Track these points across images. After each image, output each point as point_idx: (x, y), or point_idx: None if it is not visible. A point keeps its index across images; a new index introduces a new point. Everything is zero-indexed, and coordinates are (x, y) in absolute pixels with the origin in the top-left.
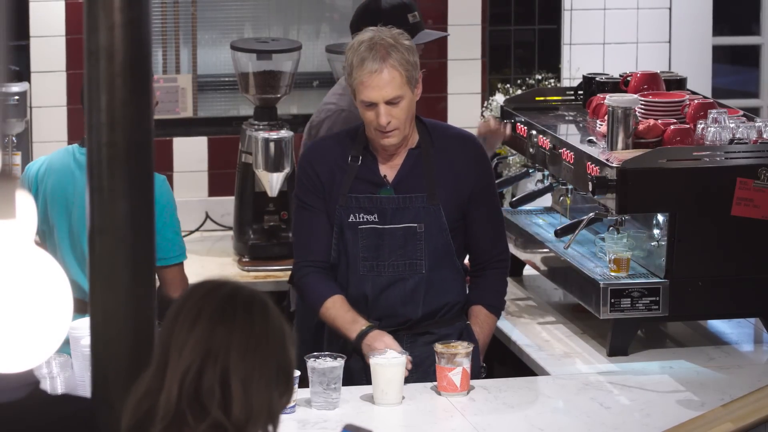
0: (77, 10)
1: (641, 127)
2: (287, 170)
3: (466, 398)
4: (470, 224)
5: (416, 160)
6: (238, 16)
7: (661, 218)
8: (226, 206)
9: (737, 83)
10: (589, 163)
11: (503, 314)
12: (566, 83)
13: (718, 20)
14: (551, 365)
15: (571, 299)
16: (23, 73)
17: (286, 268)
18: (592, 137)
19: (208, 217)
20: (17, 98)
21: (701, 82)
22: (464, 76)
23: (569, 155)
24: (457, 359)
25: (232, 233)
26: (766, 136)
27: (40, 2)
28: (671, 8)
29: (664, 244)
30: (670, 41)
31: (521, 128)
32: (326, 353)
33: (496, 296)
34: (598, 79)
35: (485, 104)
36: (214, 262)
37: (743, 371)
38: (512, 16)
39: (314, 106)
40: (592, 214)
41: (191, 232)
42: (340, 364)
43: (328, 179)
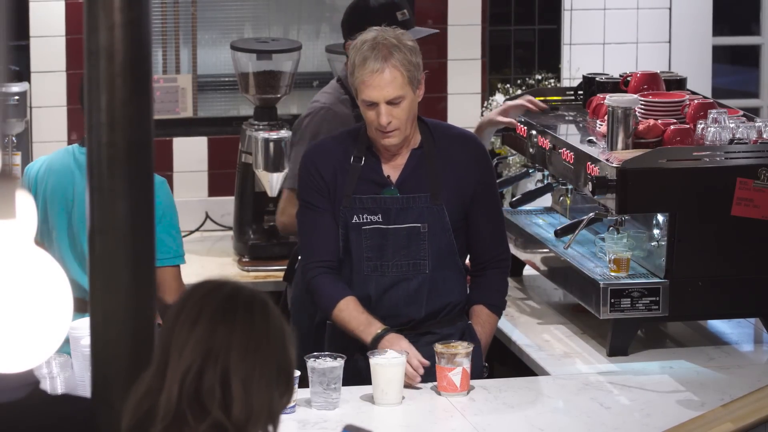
0: (77, 10)
1: (641, 127)
2: (287, 170)
3: (466, 398)
4: (472, 224)
5: (419, 160)
6: (238, 16)
7: (661, 218)
8: (226, 206)
9: (737, 83)
10: (589, 163)
11: (503, 314)
12: (566, 83)
13: (718, 20)
14: (551, 365)
15: (571, 299)
16: (23, 73)
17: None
18: (592, 137)
19: (208, 217)
20: (17, 98)
21: (701, 82)
22: (464, 76)
23: (569, 155)
24: (457, 359)
25: (232, 233)
26: (766, 136)
27: (40, 2)
28: (671, 8)
29: (664, 244)
30: (670, 41)
31: (521, 128)
32: (326, 353)
33: (497, 296)
34: (598, 79)
35: (485, 104)
36: (214, 262)
37: (743, 371)
38: (512, 16)
39: None
40: (592, 214)
41: (191, 232)
42: (340, 364)
43: (331, 180)
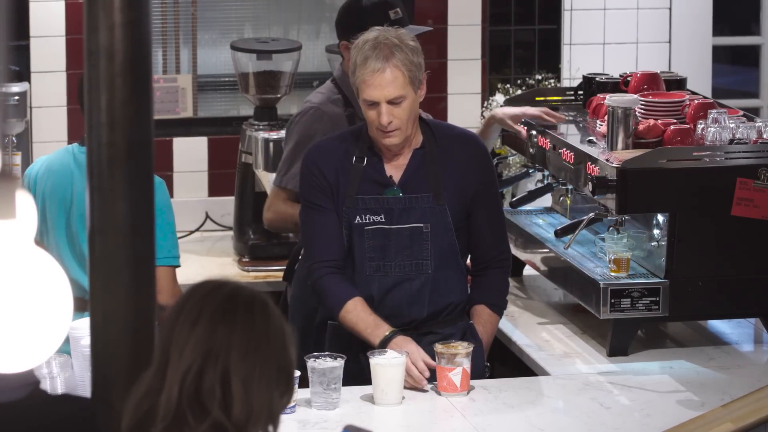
0: (77, 10)
1: (641, 127)
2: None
3: (466, 398)
4: (473, 223)
5: (421, 160)
6: (238, 16)
7: (661, 218)
8: (226, 206)
9: (737, 83)
10: (589, 163)
11: (504, 314)
12: (566, 83)
13: (718, 20)
14: (551, 365)
15: (571, 299)
16: (23, 73)
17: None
18: (592, 137)
19: (208, 217)
20: (17, 98)
21: (701, 82)
22: (464, 76)
23: (569, 155)
24: (457, 359)
25: (232, 233)
26: (766, 136)
27: (40, 2)
28: (671, 8)
29: (664, 244)
30: (670, 41)
31: (522, 128)
32: (326, 353)
33: (498, 295)
34: (598, 79)
35: (485, 104)
36: (214, 262)
37: (743, 371)
38: (512, 16)
39: None
40: (592, 214)
41: (191, 232)
42: (340, 364)
43: (333, 180)
